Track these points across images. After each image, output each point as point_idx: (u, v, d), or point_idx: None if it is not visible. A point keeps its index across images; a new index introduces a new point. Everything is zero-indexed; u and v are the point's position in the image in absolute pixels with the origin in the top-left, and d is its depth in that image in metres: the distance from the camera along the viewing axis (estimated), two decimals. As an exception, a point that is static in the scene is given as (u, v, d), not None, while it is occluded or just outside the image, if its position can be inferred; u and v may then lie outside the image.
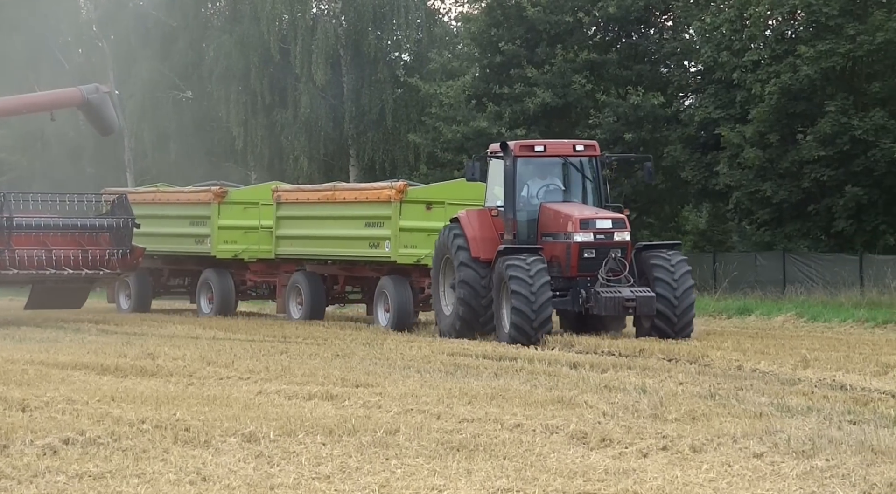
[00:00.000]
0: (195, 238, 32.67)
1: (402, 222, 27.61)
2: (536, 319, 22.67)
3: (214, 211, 32.08)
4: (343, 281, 30.20)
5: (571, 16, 44.40)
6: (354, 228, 28.61)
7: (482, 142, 44.59)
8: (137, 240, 32.18)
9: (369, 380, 16.81)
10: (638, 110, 42.91)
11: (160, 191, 34.73)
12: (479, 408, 13.95)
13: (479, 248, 24.35)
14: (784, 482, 9.80)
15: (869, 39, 37.24)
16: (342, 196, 29.26)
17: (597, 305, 23.04)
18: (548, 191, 24.78)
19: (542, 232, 24.27)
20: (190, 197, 33.37)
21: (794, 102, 38.50)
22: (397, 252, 27.56)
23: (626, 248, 23.64)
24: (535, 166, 24.79)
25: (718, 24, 40.66)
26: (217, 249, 32.02)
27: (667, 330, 23.07)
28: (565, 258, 23.63)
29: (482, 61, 46.69)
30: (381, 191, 28.22)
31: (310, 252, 30.06)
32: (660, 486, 9.68)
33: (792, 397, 14.80)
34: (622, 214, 24.18)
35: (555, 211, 24.14)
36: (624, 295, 22.90)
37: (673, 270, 23.31)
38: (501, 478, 10.00)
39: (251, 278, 32.25)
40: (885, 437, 11.45)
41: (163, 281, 35.06)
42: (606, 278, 23.30)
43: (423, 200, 28.06)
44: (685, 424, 12.70)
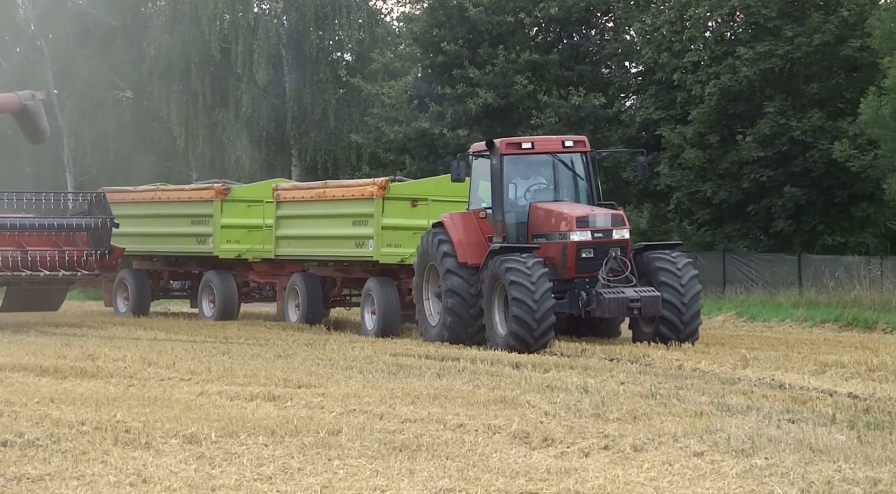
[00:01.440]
0: (197, 237, 31.33)
1: (384, 220, 26.45)
2: (538, 329, 21.34)
3: (217, 209, 30.78)
4: (340, 283, 28.99)
5: (513, 16, 44.51)
6: (343, 227, 27.56)
7: (424, 142, 44.67)
8: (136, 240, 31.52)
9: (312, 381, 16.77)
10: (579, 111, 43.08)
11: (160, 190, 33.35)
12: (421, 408, 13.96)
13: (467, 253, 23.15)
14: (724, 480, 9.88)
15: (807, 41, 37.59)
16: (331, 194, 28.12)
17: (599, 307, 21.71)
18: (537, 191, 23.58)
19: (532, 233, 23.05)
20: (191, 195, 32.01)
21: (733, 103, 38.80)
22: (380, 251, 26.44)
23: (626, 247, 22.41)
24: (522, 164, 23.52)
25: (659, 25, 40.90)
26: (220, 249, 30.74)
27: (671, 336, 21.87)
28: (561, 259, 22.33)
29: (424, 61, 46.71)
30: (364, 187, 27.15)
31: (306, 252, 28.97)
32: (601, 485, 9.72)
33: (732, 396, 14.91)
34: (619, 211, 23.05)
35: (547, 210, 22.93)
36: (628, 296, 21.57)
37: (680, 274, 22.03)
38: (444, 478, 10.01)
39: (254, 279, 30.94)
40: (823, 436, 11.57)
41: (162, 284, 33.53)
42: (607, 278, 22.03)
43: (407, 197, 26.80)
44: (626, 423, 12.76)
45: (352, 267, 28.18)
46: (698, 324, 22.22)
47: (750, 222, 39.47)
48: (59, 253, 29.22)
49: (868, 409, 13.71)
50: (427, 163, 44.34)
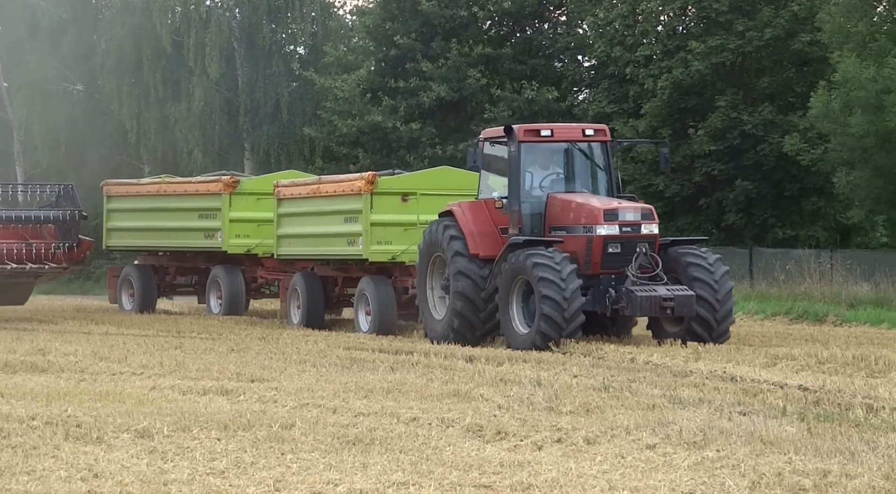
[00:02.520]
0: (204, 232, 30.00)
1: (373, 216, 25.26)
2: (568, 328, 20.21)
3: (225, 202, 29.46)
4: (341, 282, 27.49)
5: (466, 10, 44.54)
6: (335, 224, 26.40)
7: (377, 136, 44.64)
8: (141, 235, 30.87)
9: (265, 375, 16.73)
10: (532, 104, 43.16)
11: (165, 182, 32.05)
12: (375, 402, 13.95)
13: (478, 245, 21.79)
14: (676, 473, 9.93)
15: (758, 35, 37.83)
16: (324, 189, 27.01)
17: (629, 306, 20.38)
18: (554, 181, 22.25)
19: (550, 225, 21.68)
20: (199, 187, 30.65)
21: (685, 97, 39.01)
22: (369, 249, 25.24)
23: (654, 242, 21.12)
24: (539, 153, 22.22)
25: (611, 19, 41.05)
26: (228, 244, 29.36)
27: (704, 336, 20.63)
28: (585, 254, 20.96)
29: (377, 55, 46.67)
30: (352, 182, 26.05)
31: (305, 251, 27.59)
32: (554, 478, 9.75)
33: (684, 389, 14.99)
34: (648, 205, 21.95)
35: (569, 201, 21.58)
36: (661, 295, 20.26)
37: (712, 270, 20.80)
38: (397, 472, 10.01)
39: (262, 275, 29.49)
40: (774, 428, 11.64)
41: (169, 280, 32.14)
42: (637, 276, 20.71)
43: (397, 191, 25.55)
44: (579, 416, 12.80)
45: (348, 265, 27.03)
46: (730, 323, 21.14)
47: (702, 216, 39.70)
48: (27, 245, 28.66)
49: (818, 401, 13.82)
50: (380, 156, 44.32)
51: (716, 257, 21.11)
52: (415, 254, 23.94)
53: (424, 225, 23.70)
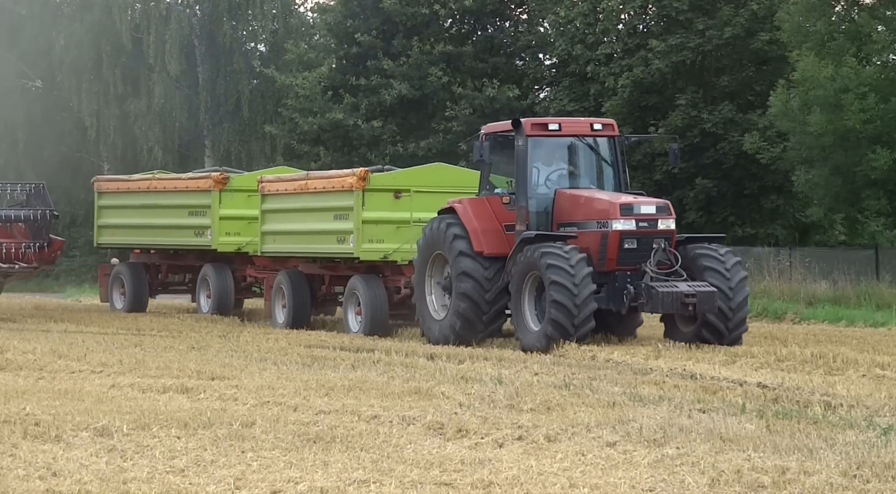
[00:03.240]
0: (195, 229, 29.25)
1: (365, 213, 24.45)
2: (579, 315, 19.57)
3: (215, 199, 28.66)
4: (328, 281, 26.56)
5: (428, 8, 44.52)
6: (324, 221, 25.54)
7: (339, 133, 44.57)
8: (132, 232, 30.30)
9: (225, 373, 16.68)
10: (494, 103, 43.19)
11: (156, 179, 31.29)
12: (335, 400, 13.93)
13: (482, 242, 21.17)
14: (636, 470, 9.96)
15: (718, 34, 37.98)
16: (313, 185, 26.06)
17: (650, 302, 19.80)
18: (561, 176, 21.66)
19: (558, 221, 21.09)
20: (188, 184, 29.87)
21: (646, 95, 39.12)
22: (361, 247, 24.42)
23: (671, 238, 20.60)
24: (547, 147, 21.61)
25: (572, 17, 41.12)
26: (218, 242, 28.58)
27: (719, 327, 20.16)
28: (600, 249, 20.34)
29: (338, 52, 46.58)
30: (343, 178, 25.13)
31: (290, 249, 26.73)
32: (515, 476, 9.76)
33: (644, 386, 15.04)
34: (664, 199, 21.35)
35: (580, 196, 21.02)
36: (682, 291, 19.71)
37: (723, 260, 20.41)
38: (358, 470, 10.00)
39: (252, 274, 28.49)
40: (733, 425, 11.70)
41: (161, 278, 31.39)
42: (655, 272, 20.17)
43: (389, 188, 24.73)
44: (540, 414, 12.82)
45: (337, 264, 26.21)
46: (744, 330, 20.56)
47: (662, 214, 39.78)
48: None
49: (777, 399, 13.90)
50: (341, 154, 44.27)
51: (734, 260, 20.61)
52: (407, 253, 23.58)
53: (418, 222, 23.30)
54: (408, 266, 23.71)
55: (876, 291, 30.91)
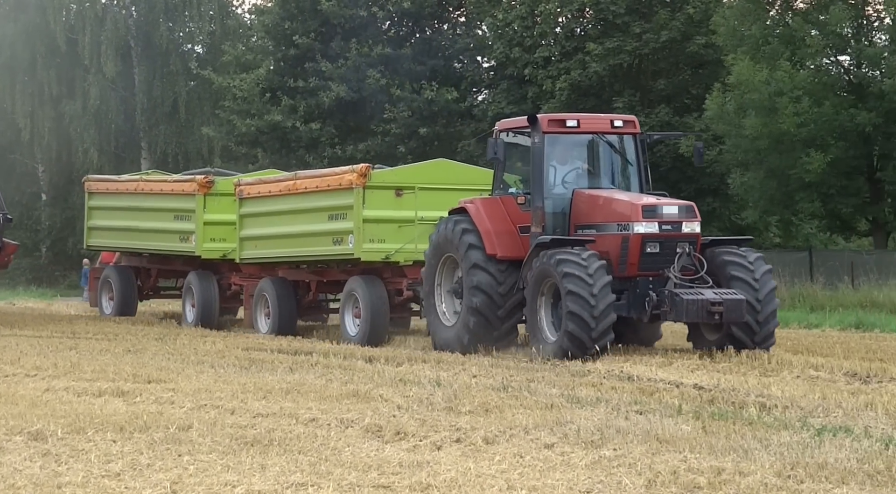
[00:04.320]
0: (179, 235, 27.76)
1: (365, 212, 23.01)
2: (597, 327, 18.31)
3: (199, 203, 27.12)
4: (316, 287, 25.18)
5: (366, 10, 44.52)
6: (317, 222, 24.01)
7: (276, 135, 44.46)
8: (119, 235, 29.46)
9: (162, 376, 16.57)
10: (432, 105, 43.26)
11: (143, 180, 29.98)
12: (273, 403, 13.88)
13: (496, 245, 19.90)
14: (573, 472, 9.99)
15: (654, 38, 38.24)
16: (303, 185, 24.58)
17: (674, 311, 18.58)
18: (579, 175, 20.38)
19: (576, 223, 19.84)
20: (174, 187, 28.46)
21: (583, 98, 39.31)
22: (361, 247, 22.94)
23: (696, 242, 19.28)
24: (564, 145, 20.35)
25: (510, 20, 41.26)
26: (202, 248, 27.08)
27: (745, 341, 18.82)
28: (620, 254, 19.11)
29: (276, 54, 46.49)
30: (342, 175, 23.61)
31: (276, 254, 25.21)
32: (453, 478, 9.76)
33: (582, 388, 15.09)
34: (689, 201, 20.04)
35: (599, 197, 19.75)
36: (708, 298, 18.47)
37: (752, 268, 19.05)
38: (296, 473, 9.97)
39: (236, 281, 26.86)
40: (670, 426, 11.77)
41: (151, 282, 30.05)
42: (680, 278, 18.92)
43: (391, 185, 23.30)
44: (478, 416, 12.84)
45: (327, 268, 24.94)
46: (774, 326, 19.24)
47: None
48: None
49: (713, 400, 13.99)
50: (280, 156, 44.17)
51: (757, 256, 19.35)
52: (409, 254, 22.67)
53: (423, 222, 22.46)
54: (410, 267, 22.75)
55: (810, 293, 31.24)
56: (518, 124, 20.54)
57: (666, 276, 18.89)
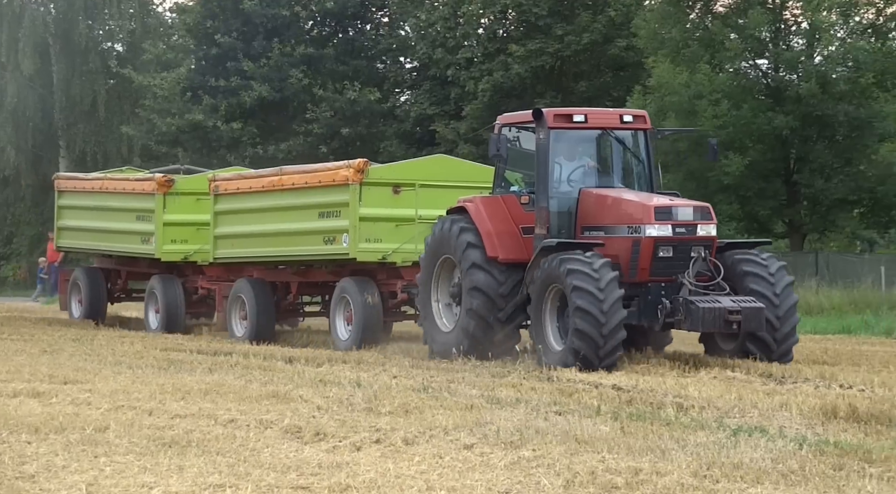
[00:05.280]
0: (141, 236, 26.38)
1: (362, 210, 21.66)
2: (606, 346, 17.06)
3: (159, 203, 25.76)
4: (296, 288, 23.91)
5: (288, 10, 44.40)
6: (307, 220, 22.72)
7: (197, 134, 44.19)
8: (84, 235, 28.27)
9: (78, 377, 16.41)
10: (355, 105, 43.21)
11: (107, 179, 28.62)
12: (192, 404, 13.79)
13: (497, 246, 18.73)
14: (493, 472, 10.02)
15: (576, 40, 38.45)
16: (290, 181, 23.21)
17: (689, 319, 17.45)
18: (585, 174, 19.16)
19: (582, 225, 18.65)
20: (134, 186, 26.99)
21: (506, 100, 39.46)
22: (357, 247, 21.61)
23: (712, 246, 18.10)
24: (570, 141, 19.13)
25: (433, 21, 41.32)
26: (162, 250, 25.76)
27: (769, 341, 17.87)
28: (630, 258, 17.92)
29: (198, 53, 46.23)
30: (336, 171, 22.28)
31: (254, 253, 23.99)
32: (372, 479, 9.76)
33: (501, 389, 15.13)
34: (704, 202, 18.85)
35: (608, 197, 18.55)
36: (726, 306, 17.35)
37: (773, 280, 17.89)
38: (214, 474, 9.91)
39: (203, 285, 25.62)
40: (588, 427, 11.83)
41: (121, 285, 28.56)
42: (694, 284, 17.83)
43: (388, 182, 22.07)
44: (398, 417, 12.83)
45: (312, 268, 23.76)
46: (793, 344, 18.14)
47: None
48: None
49: (631, 401, 14.08)
50: (200, 155, 43.90)
51: (779, 265, 18.20)
52: (407, 254, 21.54)
53: (423, 221, 21.37)
54: (408, 268, 21.56)
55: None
56: (521, 119, 19.31)
57: (680, 282, 17.79)
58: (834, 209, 35.95)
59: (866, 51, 33.85)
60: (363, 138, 44.16)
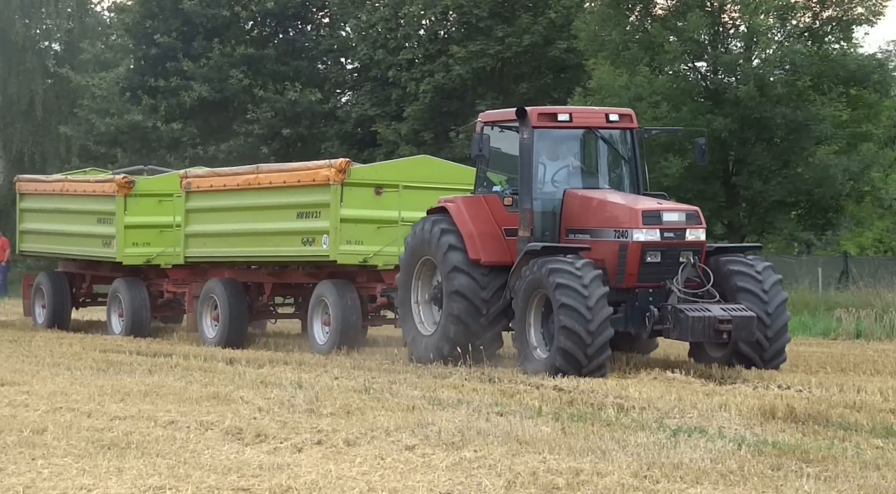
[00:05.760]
0: (102, 239, 25.64)
1: (343, 211, 21.10)
2: (593, 343, 16.57)
3: (119, 205, 25.01)
4: (270, 289, 23.26)
5: (228, 10, 44.24)
6: (284, 220, 22.06)
7: (137, 135, 43.91)
8: (45, 239, 27.48)
9: (16, 378, 16.26)
10: (296, 106, 43.11)
11: (67, 180, 27.83)
12: (131, 405, 13.71)
13: (479, 249, 18.16)
14: (434, 473, 10.03)
15: (517, 41, 38.57)
16: (267, 180, 22.53)
17: (678, 328, 16.90)
18: (570, 174, 18.68)
19: (567, 227, 18.08)
20: (95, 187, 26.21)
21: (447, 101, 39.52)
22: (337, 249, 21.02)
23: (701, 251, 17.58)
24: (554, 141, 18.66)
25: (374, 22, 41.31)
26: (123, 254, 24.97)
27: (754, 358, 17.40)
28: (617, 263, 17.39)
29: (137, 53, 45.96)
30: (316, 171, 21.68)
31: (227, 253, 23.34)
32: (313, 480, 9.74)
33: (443, 390, 15.15)
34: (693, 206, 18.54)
35: (594, 199, 18.06)
36: (716, 315, 16.83)
37: (761, 279, 17.50)
38: (154, 476, 9.85)
39: (169, 289, 25.00)
40: (530, 428, 11.87)
41: (86, 289, 27.66)
42: (684, 291, 17.29)
43: (370, 182, 21.50)
44: (340, 418, 12.82)
45: (287, 269, 23.08)
46: (785, 343, 17.70)
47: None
48: None
49: (572, 401, 14.14)
50: (140, 156, 43.64)
51: (765, 265, 17.76)
52: (389, 257, 20.97)
53: (406, 223, 20.59)
54: (388, 271, 20.98)
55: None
56: (504, 117, 18.81)
57: (668, 289, 17.27)
58: (772, 211, 36.23)
59: (803, 54, 34.15)
60: (304, 139, 44.06)
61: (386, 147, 40.54)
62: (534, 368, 17.01)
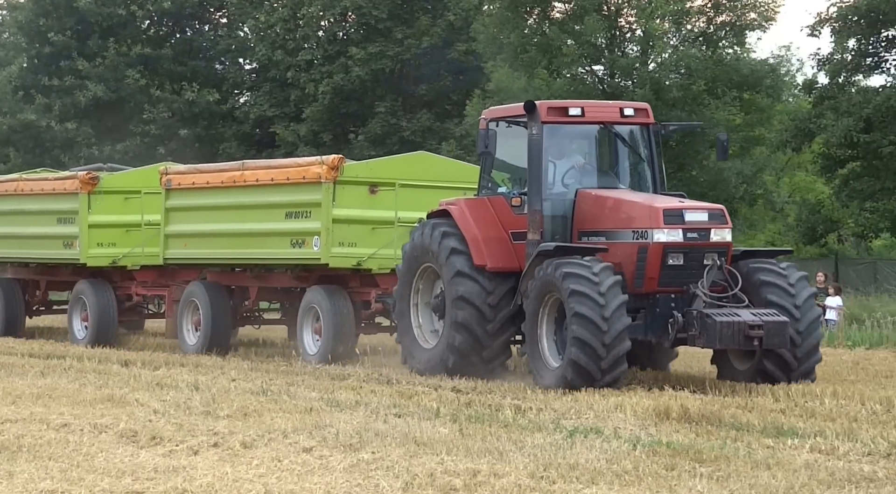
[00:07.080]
0: (63, 240, 23.99)
1: (336, 211, 19.65)
2: (608, 356, 15.28)
3: (83, 203, 23.36)
4: (256, 293, 21.74)
5: (125, 9, 43.81)
6: (272, 221, 20.65)
7: (30, 134, 43.31)
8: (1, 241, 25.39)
9: None
10: (193, 106, 42.82)
11: (22, 180, 25.92)
12: (23, 408, 13.53)
13: (485, 253, 16.86)
14: (332, 475, 10.01)
15: (416, 43, 38.64)
16: (254, 177, 21.04)
17: (705, 335, 15.52)
18: (582, 173, 17.36)
19: (580, 229, 16.78)
20: (55, 185, 24.51)
21: (346, 102, 39.51)
22: (329, 251, 19.59)
23: (727, 252, 16.26)
24: (566, 137, 17.44)
25: (272, 22, 41.16)
26: (87, 254, 23.30)
27: (780, 377, 15.95)
28: (636, 266, 16.08)
29: (30, 51, 45.32)
30: (307, 168, 20.22)
31: (211, 254, 21.82)
32: (210, 483, 9.67)
33: (341, 392, 15.14)
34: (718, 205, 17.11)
35: (609, 198, 16.82)
36: (746, 321, 15.49)
37: (793, 291, 16.10)
38: (46, 480, 9.73)
39: (138, 292, 23.48)
40: (427, 429, 11.89)
41: (40, 296, 25.89)
42: (709, 296, 15.95)
43: (365, 180, 20.05)
44: (237, 420, 12.75)
45: (273, 272, 21.38)
46: (816, 363, 16.28)
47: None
48: None
49: (470, 403, 14.19)
50: (33, 156, 43.07)
51: (799, 275, 16.38)
52: (384, 260, 19.64)
53: (403, 224, 19.48)
54: (384, 275, 19.75)
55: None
56: (512, 112, 17.42)
57: (692, 293, 15.94)
58: (667, 213, 36.67)
59: (698, 58, 34.61)
60: (202, 139, 43.76)
61: (285, 148, 40.41)
62: (545, 380, 15.75)
